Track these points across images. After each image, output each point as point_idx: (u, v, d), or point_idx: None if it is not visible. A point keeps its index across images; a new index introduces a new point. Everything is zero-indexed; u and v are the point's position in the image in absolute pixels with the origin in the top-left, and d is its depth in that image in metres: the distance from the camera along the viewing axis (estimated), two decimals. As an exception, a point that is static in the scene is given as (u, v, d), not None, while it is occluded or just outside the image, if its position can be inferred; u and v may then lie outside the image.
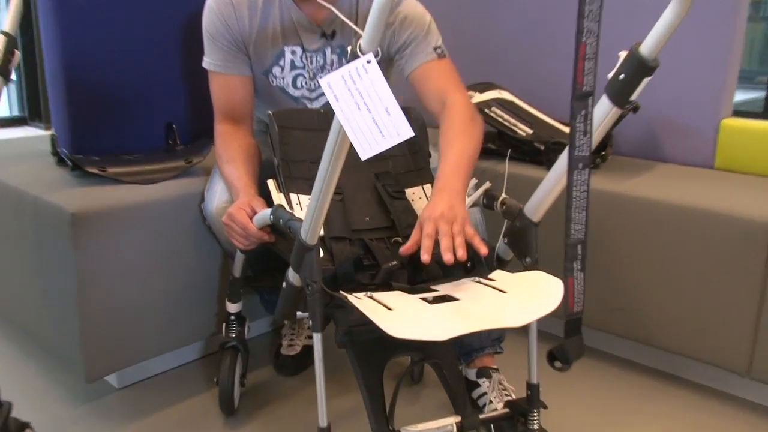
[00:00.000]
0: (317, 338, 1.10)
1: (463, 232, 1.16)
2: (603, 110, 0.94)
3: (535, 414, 1.25)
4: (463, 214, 1.20)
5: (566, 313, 0.98)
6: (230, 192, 1.47)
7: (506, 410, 1.30)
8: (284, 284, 1.22)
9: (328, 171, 0.94)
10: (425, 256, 1.13)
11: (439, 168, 1.31)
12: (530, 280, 1.12)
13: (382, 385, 1.16)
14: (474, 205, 1.31)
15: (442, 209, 1.18)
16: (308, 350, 1.82)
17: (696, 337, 1.65)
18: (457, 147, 1.33)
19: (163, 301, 1.62)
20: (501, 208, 1.24)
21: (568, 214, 0.92)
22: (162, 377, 1.78)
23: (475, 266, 1.27)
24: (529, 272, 1.16)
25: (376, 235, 1.28)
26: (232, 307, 1.64)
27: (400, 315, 0.99)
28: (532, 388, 1.26)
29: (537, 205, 1.16)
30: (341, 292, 1.09)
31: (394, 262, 1.21)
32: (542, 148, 1.91)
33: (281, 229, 1.19)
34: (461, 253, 1.13)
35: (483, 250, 1.17)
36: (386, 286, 1.19)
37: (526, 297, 1.06)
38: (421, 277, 1.25)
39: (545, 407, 1.28)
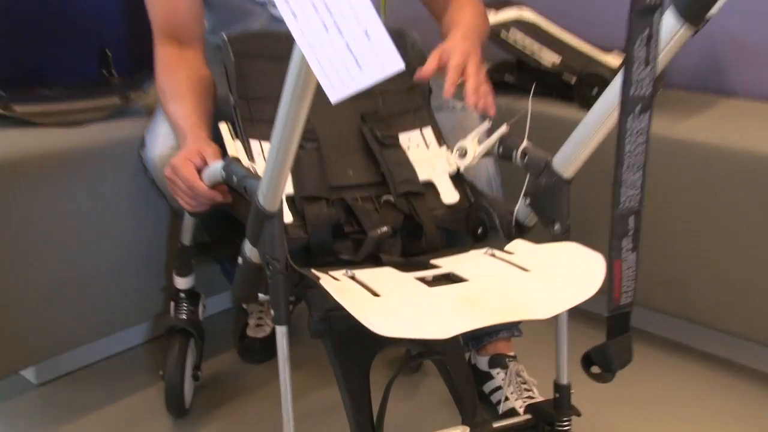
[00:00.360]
0: (281, 332, 1.04)
1: (484, 83, 1.23)
2: (668, 31, 0.83)
3: (565, 423, 1.20)
4: (483, 68, 1.26)
5: (610, 307, 0.89)
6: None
7: (528, 416, 1.26)
8: (240, 260, 1.15)
9: (289, 116, 0.83)
10: (451, 89, 1.19)
11: (449, 35, 1.35)
12: (560, 254, 1.06)
13: (368, 385, 1.12)
14: (486, 154, 1.25)
15: (469, 47, 1.25)
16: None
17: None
18: (468, 18, 1.42)
19: (94, 275, 1.58)
20: (522, 160, 1.16)
21: (618, 174, 0.81)
22: (93, 369, 1.76)
23: (487, 233, 1.23)
24: (558, 243, 1.10)
25: (362, 193, 1.25)
26: (182, 282, 1.62)
27: (389, 304, 0.94)
28: (561, 390, 1.21)
29: (570, 157, 1.07)
30: (313, 270, 1.03)
31: (384, 229, 1.18)
32: (573, 81, 1.90)
33: (236, 188, 1.12)
34: (482, 103, 1.21)
35: (492, 110, 1.23)
36: (373, 260, 1.16)
37: (556, 277, 1.01)
38: (418, 247, 1.22)
39: (578, 414, 1.22)
